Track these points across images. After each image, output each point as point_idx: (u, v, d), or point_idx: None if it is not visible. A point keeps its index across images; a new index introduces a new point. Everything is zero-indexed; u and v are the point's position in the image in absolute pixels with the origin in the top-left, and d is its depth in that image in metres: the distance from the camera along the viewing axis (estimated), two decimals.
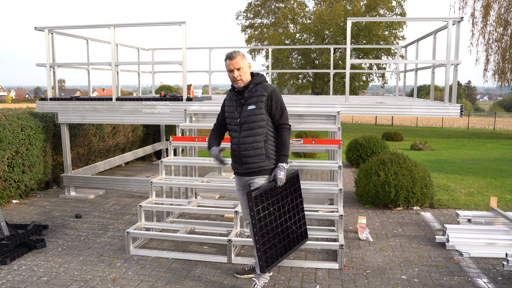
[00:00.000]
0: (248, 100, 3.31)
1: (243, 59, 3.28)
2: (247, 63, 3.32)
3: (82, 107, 6.35)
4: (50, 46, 6.37)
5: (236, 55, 3.25)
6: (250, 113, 3.28)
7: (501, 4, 22.93)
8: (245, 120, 3.30)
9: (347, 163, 9.85)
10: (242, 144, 3.31)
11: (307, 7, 32.05)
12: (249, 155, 3.30)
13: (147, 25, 6.32)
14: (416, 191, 5.72)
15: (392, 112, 5.90)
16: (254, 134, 3.28)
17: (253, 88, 3.32)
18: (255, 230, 3.19)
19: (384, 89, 36.43)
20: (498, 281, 3.60)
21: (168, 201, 4.87)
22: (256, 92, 3.30)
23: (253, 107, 3.27)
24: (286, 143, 3.35)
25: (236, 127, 3.37)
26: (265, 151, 3.30)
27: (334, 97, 8.62)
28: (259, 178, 3.35)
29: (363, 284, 3.56)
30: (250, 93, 3.32)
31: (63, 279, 3.65)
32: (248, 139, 3.29)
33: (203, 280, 3.64)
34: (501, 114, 48.38)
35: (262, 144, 3.29)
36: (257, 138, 3.29)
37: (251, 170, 3.34)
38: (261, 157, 3.30)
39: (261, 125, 3.28)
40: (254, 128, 3.28)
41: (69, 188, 6.61)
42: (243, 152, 3.31)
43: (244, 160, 3.32)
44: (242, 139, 3.31)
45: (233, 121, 3.39)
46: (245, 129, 3.30)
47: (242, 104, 3.34)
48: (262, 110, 3.27)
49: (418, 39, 7.26)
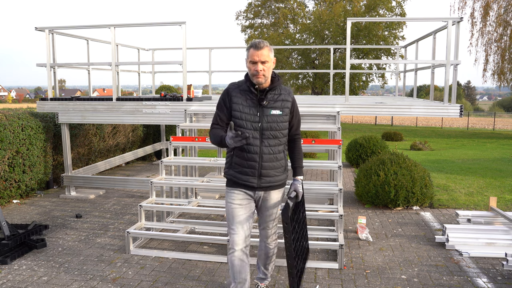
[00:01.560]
0: (271, 103, 2.85)
1: (270, 52, 2.79)
2: (273, 58, 2.86)
3: (82, 107, 6.36)
4: (50, 46, 6.38)
5: (263, 45, 2.76)
6: (276, 119, 2.84)
7: (501, 5, 22.95)
8: (269, 126, 2.83)
9: (347, 163, 9.86)
10: (266, 154, 2.85)
11: (307, 7, 32.09)
12: (272, 167, 2.88)
13: (147, 25, 6.33)
14: (415, 191, 5.73)
15: (392, 112, 5.91)
16: (278, 144, 2.89)
17: (277, 89, 2.90)
18: (289, 253, 2.78)
19: (384, 89, 36.46)
20: (498, 281, 3.61)
21: (168, 201, 4.88)
22: (281, 95, 2.89)
23: (279, 113, 2.85)
24: (302, 154, 3.09)
25: (254, 132, 2.83)
26: (285, 163, 2.98)
27: (334, 97, 8.63)
28: (275, 193, 2.98)
29: (363, 284, 3.57)
30: (274, 95, 2.87)
31: (63, 279, 3.66)
32: (273, 149, 2.87)
33: (203, 280, 3.65)
34: (501, 114, 48.40)
35: (283, 155, 2.95)
36: (280, 148, 2.91)
37: (271, 184, 2.92)
38: (281, 169, 2.94)
39: (284, 134, 2.92)
40: (279, 137, 2.88)
41: (69, 188, 6.62)
42: (266, 163, 2.86)
43: (266, 172, 2.87)
44: (265, 148, 2.84)
45: (250, 124, 2.83)
46: (269, 137, 2.84)
47: (262, 106, 2.84)
48: (287, 117, 2.90)
49: (418, 39, 7.27)
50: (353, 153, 9.43)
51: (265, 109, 2.83)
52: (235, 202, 2.90)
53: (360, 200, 6.18)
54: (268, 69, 2.78)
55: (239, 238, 2.87)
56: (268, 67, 2.77)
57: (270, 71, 2.82)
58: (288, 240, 2.77)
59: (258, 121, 2.82)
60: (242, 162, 2.87)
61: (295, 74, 29.40)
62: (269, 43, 2.80)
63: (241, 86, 2.88)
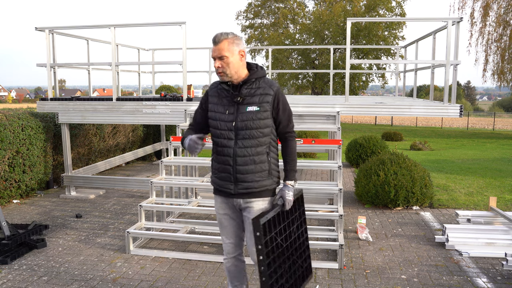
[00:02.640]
0: (247, 98, 2.54)
1: (230, 45, 2.47)
2: (239, 51, 2.50)
3: (82, 107, 6.36)
4: (50, 47, 6.38)
5: (221, 39, 2.46)
6: (251, 116, 2.52)
7: (500, 5, 22.95)
8: (244, 124, 2.52)
9: (347, 163, 9.86)
10: (241, 156, 2.54)
11: (307, 7, 32.09)
12: (249, 171, 2.55)
13: (147, 25, 6.33)
14: (415, 191, 5.73)
15: (392, 112, 5.92)
16: (256, 144, 2.54)
17: (254, 83, 2.57)
18: (263, 268, 2.43)
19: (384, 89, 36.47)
20: (498, 281, 3.61)
21: (168, 201, 4.88)
22: (259, 89, 2.55)
23: (256, 109, 2.52)
24: (295, 156, 2.68)
25: (228, 132, 2.56)
26: (268, 166, 2.59)
27: (334, 97, 8.63)
28: (258, 202, 2.60)
29: (363, 284, 3.57)
30: (250, 89, 2.55)
31: (63, 279, 3.66)
32: (249, 150, 2.54)
33: (203, 280, 3.65)
34: (500, 114, 48.39)
35: (265, 157, 2.58)
36: (260, 150, 2.55)
37: (249, 191, 2.57)
38: (263, 174, 2.58)
39: (265, 133, 2.55)
40: (257, 137, 2.54)
41: (69, 188, 6.62)
42: (240, 167, 2.54)
43: (241, 177, 2.55)
44: (240, 150, 2.53)
45: (223, 125, 2.57)
46: (244, 137, 2.53)
47: (237, 103, 2.55)
48: (267, 114, 2.54)
49: (418, 39, 7.27)
50: (353, 153, 9.43)
51: (240, 106, 2.54)
52: (220, 212, 2.72)
53: (360, 200, 6.18)
54: (228, 64, 2.48)
55: (229, 247, 2.75)
56: (229, 62, 2.47)
57: (236, 66, 2.50)
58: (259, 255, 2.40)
59: (232, 120, 2.54)
60: (219, 166, 2.63)
61: (295, 74, 29.40)
62: (232, 34, 2.50)
63: (220, 85, 2.64)
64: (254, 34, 31.09)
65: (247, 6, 31.77)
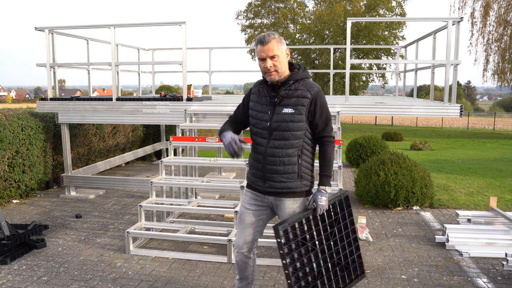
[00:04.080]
0: (284, 100, 2.57)
1: (278, 44, 2.53)
2: (285, 50, 2.57)
3: (82, 107, 6.36)
4: (50, 46, 6.37)
5: (270, 39, 2.51)
6: (285, 117, 2.55)
7: (501, 4, 22.95)
8: (277, 125, 2.56)
9: (347, 163, 9.86)
10: (271, 156, 2.59)
11: (307, 7, 32.09)
12: (277, 171, 2.59)
13: (147, 25, 6.33)
14: (416, 191, 5.73)
15: (392, 112, 5.91)
16: (288, 146, 2.57)
17: (293, 85, 2.59)
18: (287, 272, 2.54)
19: (384, 89, 36.43)
20: (498, 281, 3.61)
21: (168, 201, 4.88)
22: (297, 91, 2.57)
23: (291, 111, 2.54)
24: (331, 161, 2.66)
25: (263, 132, 2.62)
26: (298, 168, 2.60)
27: (334, 97, 8.63)
28: (288, 201, 2.64)
29: (363, 284, 3.56)
30: (287, 91, 2.58)
31: (63, 279, 3.65)
32: (279, 151, 2.57)
33: (203, 280, 3.64)
34: (501, 114, 48.39)
35: (296, 160, 2.59)
36: (290, 152, 2.57)
37: (276, 190, 2.63)
38: (291, 175, 2.60)
39: (297, 136, 2.57)
40: (289, 138, 2.56)
41: (69, 188, 6.62)
42: (269, 166, 2.60)
43: (269, 176, 2.62)
44: (270, 150, 2.59)
45: (260, 123, 2.64)
46: (276, 138, 2.57)
47: (275, 104, 2.59)
48: (302, 117, 2.55)
49: (418, 39, 7.26)
50: (353, 153, 9.42)
51: (277, 107, 2.58)
52: (244, 205, 2.79)
53: (360, 200, 6.18)
54: (280, 63, 2.53)
55: (240, 241, 2.79)
56: (280, 61, 2.53)
57: (284, 65, 2.57)
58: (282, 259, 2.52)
59: (268, 119, 2.60)
60: (252, 163, 2.71)
61: None
62: (278, 34, 2.56)
63: (261, 84, 2.71)
64: (254, 34, 31.10)
65: (247, 6, 31.77)
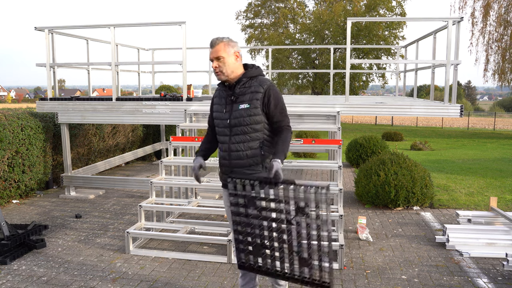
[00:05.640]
0: (239, 97, 2.71)
1: (226, 47, 2.68)
2: (234, 52, 2.71)
3: (82, 107, 6.35)
4: (50, 46, 6.37)
5: (218, 42, 2.68)
6: (242, 113, 2.69)
7: (501, 4, 22.93)
8: (236, 121, 2.70)
9: (347, 163, 9.85)
10: (234, 151, 2.72)
11: (307, 7, 32.09)
12: (243, 165, 2.72)
13: (147, 25, 6.32)
14: (416, 191, 5.72)
15: (392, 112, 5.91)
16: (248, 140, 2.70)
17: (247, 82, 2.73)
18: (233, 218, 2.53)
19: (384, 89, 36.43)
20: (498, 281, 3.60)
21: (168, 201, 4.87)
22: (250, 87, 2.71)
23: (246, 106, 2.68)
24: (285, 141, 2.71)
25: (225, 129, 2.76)
26: (261, 159, 2.72)
27: (334, 97, 8.62)
28: None
29: (363, 284, 3.56)
30: (242, 89, 2.72)
31: (63, 279, 3.65)
32: (241, 146, 2.71)
33: (203, 280, 3.64)
34: (501, 114, 48.37)
35: (258, 151, 2.72)
36: (252, 144, 2.71)
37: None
38: (257, 167, 2.73)
39: (256, 129, 2.70)
40: (248, 132, 2.70)
41: (69, 188, 6.61)
42: (234, 161, 2.73)
43: (237, 171, 2.74)
44: (233, 145, 2.73)
45: (221, 123, 2.78)
46: (237, 133, 2.72)
47: (232, 102, 2.73)
48: (257, 110, 2.68)
49: (418, 39, 7.26)
50: (353, 153, 9.42)
51: (234, 104, 2.72)
52: (226, 204, 2.87)
53: (360, 200, 6.17)
54: (225, 64, 2.68)
55: None
56: (226, 62, 2.67)
57: (232, 66, 2.69)
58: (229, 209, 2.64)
59: (227, 117, 2.73)
60: (221, 161, 2.83)
61: (295, 74, 29.39)
62: (230, 38, 2.71)
63: (220, 86, 2.86)
64: (254, 34, 31.10)
65: (247, 6, 31.78)
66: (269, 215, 2.51)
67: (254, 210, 2.53)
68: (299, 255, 2.51)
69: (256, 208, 2.52)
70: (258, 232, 2.56)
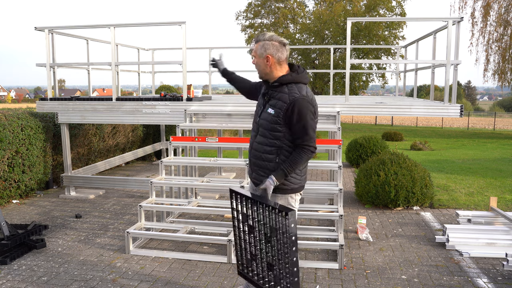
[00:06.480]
0: (271, 100, 2.66)
1: (260, 48, 2.65)
2: (266, 55, 2.63)
3: (82, 107, 6.36)
4: (50, 46, 6.37)
5: (257, 40, 2.71)
6: (267, 117, 2.63)
7: (501, 4, 22.93)
8: (262, 122, 2.68)
9: (347, 163, 9.85)
10: (255, 150, 2.75)
11: (307, 7, 32.09)
12: (258, 165, 2.74)
13: (147, 25, 6.32)
14: (416, 191, 5.72)
15: (392, 112, 5.91)
16: (267, 144, 2.65)
17: (279, 87, 2.64)
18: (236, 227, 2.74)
19: (384, 89, 36.42)
20: (498, 281, 3.60)
21: (168, 201, 4.87)
22: (279, 94, 2.62)
23: (272, 111, 2.61)
24: (295, 162, 2.59)
25: (254, 125, 2.78)
26: (275, 167, 2.65)
27: (334, 97, 8.62)
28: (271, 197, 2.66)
29: (363, 284, 3.56)
30: (273, 92, 2.66)
31: (63, 279, 3.65)
32: (261, 147, 2.69)
33: (203, 280, 3.64)
34: (501, 114, 48.36)
35: (274, 158, 2.64)
36: (269, 149, 2.65)
37: (256, 182, 2.78)
38: (269, 172, 2.68)
39: (276, 136, 2.61)
40: (268, 137, 2.64)
41: (69, 188, 6.61)
42: (253, 159, 2.77)
43: (254, 168, 2.78)
44: (255, 144, 2.74)
45: (255, 117, 2.79)
46: (261, 134, 2.70)
47: (265, 102, 2.71)
48: (278, 120, 2.58)
49: (418, 39, 7.26)
50: (353, 153, 9.42)
51: (266, 105, 2.70)
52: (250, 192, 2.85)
53: (360, 200, 6.17)
54: (257, 64, 2.69)
55: None
56: (256, 63, 2.69)
57: (260, 67, 2.69)
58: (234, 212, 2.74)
59: (258, 115, 2.75)
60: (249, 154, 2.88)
61: None
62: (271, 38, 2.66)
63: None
64: (254, 34, 31.08)
65: (247, 6, 31.76)
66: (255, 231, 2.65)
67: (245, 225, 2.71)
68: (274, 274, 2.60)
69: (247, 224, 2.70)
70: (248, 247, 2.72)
